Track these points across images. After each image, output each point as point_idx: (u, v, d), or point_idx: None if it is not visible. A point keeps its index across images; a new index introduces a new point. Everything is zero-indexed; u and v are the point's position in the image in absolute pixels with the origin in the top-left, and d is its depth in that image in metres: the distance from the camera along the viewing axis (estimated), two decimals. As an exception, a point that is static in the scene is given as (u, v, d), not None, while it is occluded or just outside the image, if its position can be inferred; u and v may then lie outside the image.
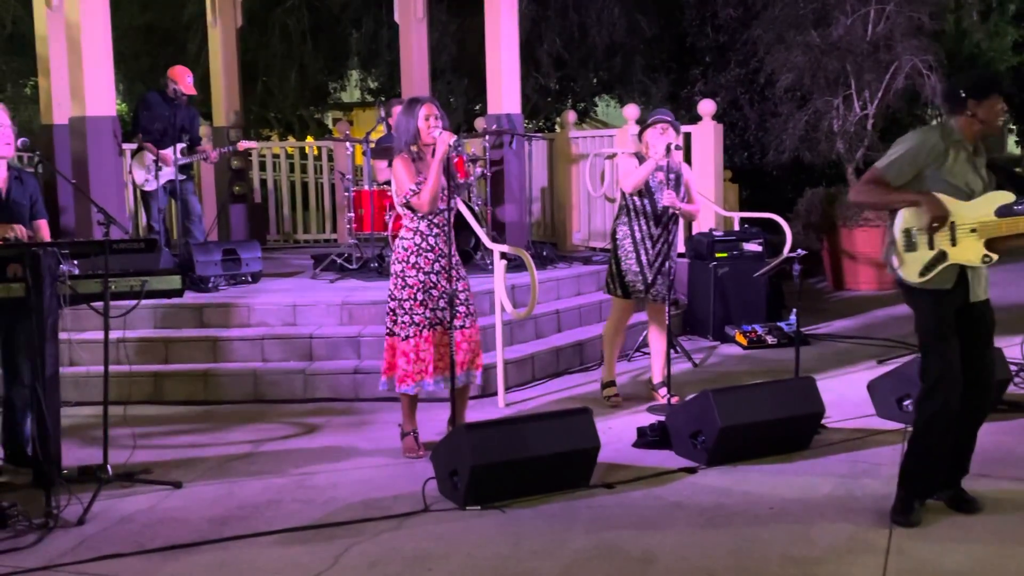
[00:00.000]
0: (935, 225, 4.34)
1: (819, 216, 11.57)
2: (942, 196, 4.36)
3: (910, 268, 4.44)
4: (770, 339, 8.41)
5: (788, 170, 13.43)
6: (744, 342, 8.38)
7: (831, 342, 8.56)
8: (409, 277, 5.52)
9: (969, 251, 4.38)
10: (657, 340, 6.75)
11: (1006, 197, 4.39)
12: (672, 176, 6.53)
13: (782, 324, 8.66)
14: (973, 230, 4.37)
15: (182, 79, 8.97)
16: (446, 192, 5.51)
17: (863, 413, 6.22)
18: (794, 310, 8.78)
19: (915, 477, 4.50)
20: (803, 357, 6.46)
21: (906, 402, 5.99)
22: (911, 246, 4.43)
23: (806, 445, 5.57)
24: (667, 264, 6.59)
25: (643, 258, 6.51)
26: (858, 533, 4.37)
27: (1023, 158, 21.41)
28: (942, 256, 4.38)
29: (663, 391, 6.59)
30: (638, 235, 6.50)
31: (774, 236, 9.19)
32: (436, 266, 5.51)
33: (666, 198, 6.45)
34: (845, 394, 6.65)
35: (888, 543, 4.25)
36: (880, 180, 4.49)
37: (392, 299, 5.58)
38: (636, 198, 6.49)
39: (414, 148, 5.52)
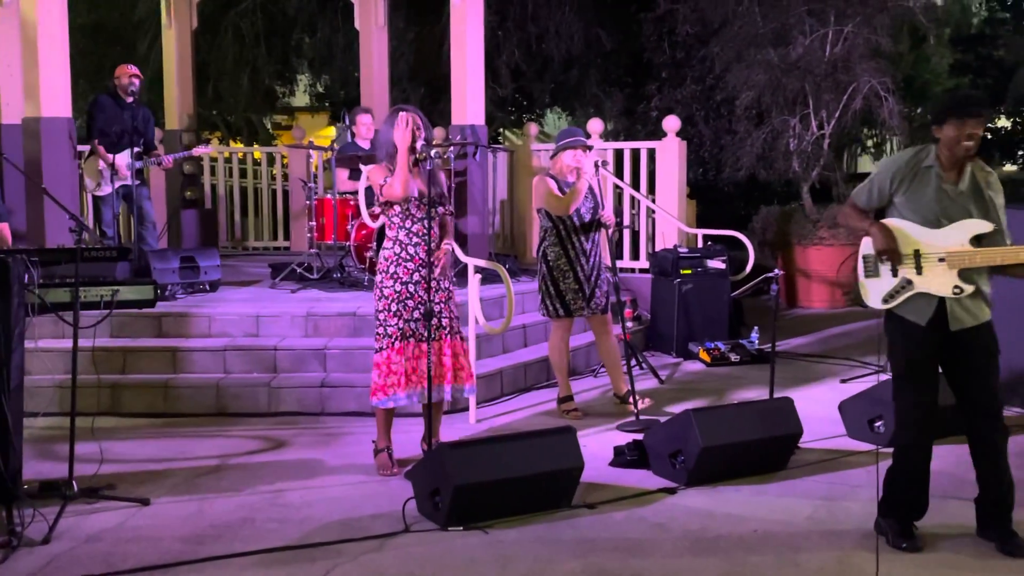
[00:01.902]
0: (883, 257, 4.34)
1: (774, 234, 11.67)
2: (902, 224, 4.32)
3: (870, 293, 4.44)
4: (733, 356, 8.43)
5: (742, 187, 13.56)
6: (707, 359, 8.39)
7: (790, 360, 8.60)
8: (386, 288, 5.43)
9: (937, 281, 4.30)
10: (609, 352, 6.78)
11: (983, 226, 4.29)
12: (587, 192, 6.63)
13: (744, 341, 8.69)
14: (941, 259, 4.28)
15: (124, 75, 8.77)
16: (425, 201, 5.41)
17: (833, 433, 6.24)
18: (755, 328, 8.91)
19: (898, 505, 4.49)
20: (766, 375, 6.47)
21: (878, 423, 6.02)
22: (871, 272, 4.43)
23: (783, 466, 5.57)
24: (603, 275, 6.69)
25: (580, 274, 6.59)
26: (844, 557, 4.36)
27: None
28: (907, 284, 4.33)
29: (632, 399, 6.60)
30: (572, 252, 6.58)
31: (735, 253, 9.25)
32: (415, 276, 5.41)
33: (606, 216, 6.66)
34: (811, 413, 6.62)
35: (876, 568, 4.24)
36: (853, 204, 4.53)
37: (374, 311, 5.50)
38: (566, 217, 6.57)
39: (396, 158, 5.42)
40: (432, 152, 5.28)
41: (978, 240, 4.30)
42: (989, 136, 20.84)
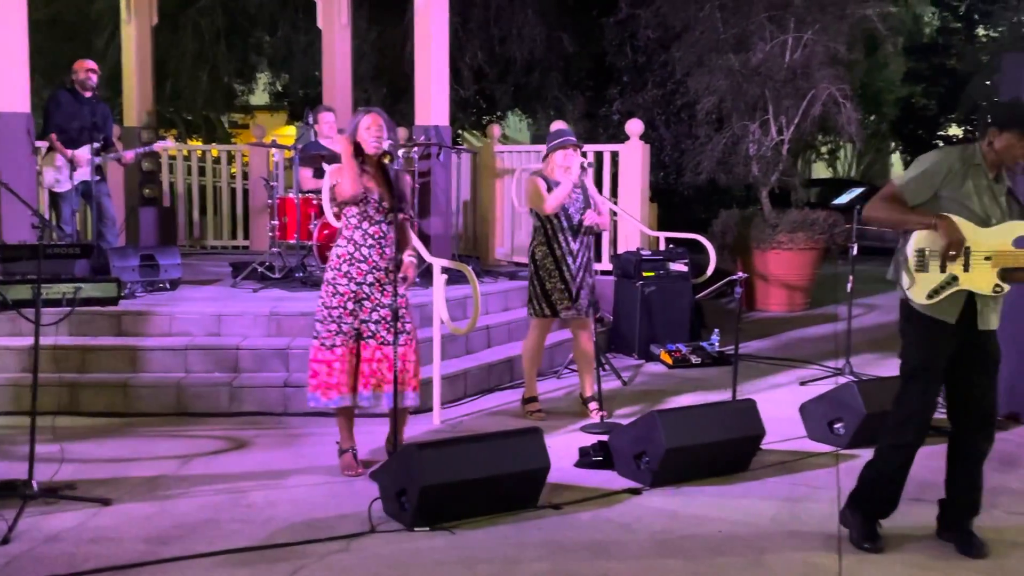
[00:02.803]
0: (952, 253, 4.25)
1: (733, 238, 11.77)
2: (959, 220, 4.27)
3: (918, 289, 4.35)
4: (694, 358, 8.49)
5: (702, 191, 13.66)
6: (669, 361, 8.45)
7: (751, 362, 8.68)
8: (340, 285, 5.39)
9: (981, 279, 4.31)
10: (584, 355, 6.78)
11: None
12: (578, 192, 6.60)
13: (705, 344, 8.76)
14: (987, 258, 4.29)
15: (81, 69, 8.66)
16: (386, 204, 5.39)
17: (794, 434, 6.30)
18: (716, 330, 8.99)
19: (871, 501, 4.52)
20: (727, 377, 6.52)
21: (837, 425, 6.11)
22: (923, 267, 4.34)
23: (746, 467, 5.62)
24: (589, 278, 6.67)
25: (566, 275, 6.57)
26: (809, 558, 4.41)
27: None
28: (952, 280, 4.31)
29: (593, 405, 6.63)
30: (559, 252, 6.56)
31: (696, 256, 9.32)
32: (369, 278, 5.38)
33: (588, 218, 6.59)
34: (772, 414, 6.67)
35: (839, 567, 4.30)
36: (898, 197, 4.38)
37: (322, 307, 5.44)
38: (554, 217, 6.56)
39: (359, 158, 5.41)
40: (398, 153, 5.25)
41: (1018, 242, 4.32)
42: (941, 144, 21.16)
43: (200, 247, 12.20)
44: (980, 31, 22.72)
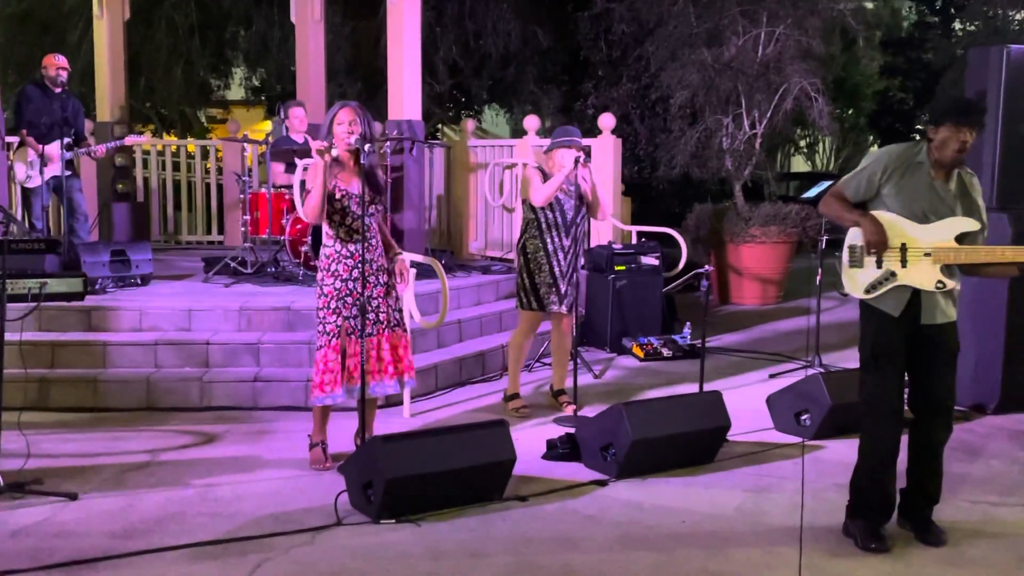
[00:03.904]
0: (872, 249, 4.37)
1: (707, 231, 11.83)
2: (891, 217, 4.36)
3: (853, 283, 4.46)
4: (665, 352, 8.54)
5: (675, 185, 13.71)
6: (641, 354, 8.49)
7: (722, 355, 8.75)
8: (326, 285, 5.40)
9: (921, 275, 4.36)
10: (560, 349, 6.81)
11: (969, 224, 4.37)
12: (572, 187, 6.62)
13: (676, 337, 8.80)
14: (927, 254, 4.35)
15: (51, 65, 8.63)
16: (366, 198, 5.39)
17: (761, 426, 6.35)
18: (687, 323, 9.04)
19: (866, 505, 4.52)
20: (698, 370, 6.56)
21: (804, 416, 6.16)
22: (856, 262, 4.44)
23: (712, 458, 5.66)
24: (575, 275, 6.66)
25: (556, 270, 6.56)
26: (771, 547, 4.46)
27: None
28: (891, 276, 4.39)
29: (564, 398, 6.67)
30: (550, 247, 6.56)
31: (668, 250, 9.36)
32: (355, 273, 5.40)
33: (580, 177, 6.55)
34: (741, 407, 6.74)
35: (800, 557, 4.34)
36: (839, 194, 4.51)
37: (317, 308, 5.49)
38: (548, 211, 6.54)
39: (334, 152, 5.40)
40: (366, 147, 5.24)
41: (962, 238, 4.37)
42: (918, 138, 21.32)
43: (175, 242, 12.18)
44: (956, 25, 22.86)
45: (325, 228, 5.45)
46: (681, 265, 9.06)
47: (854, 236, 4.47)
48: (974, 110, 4.35)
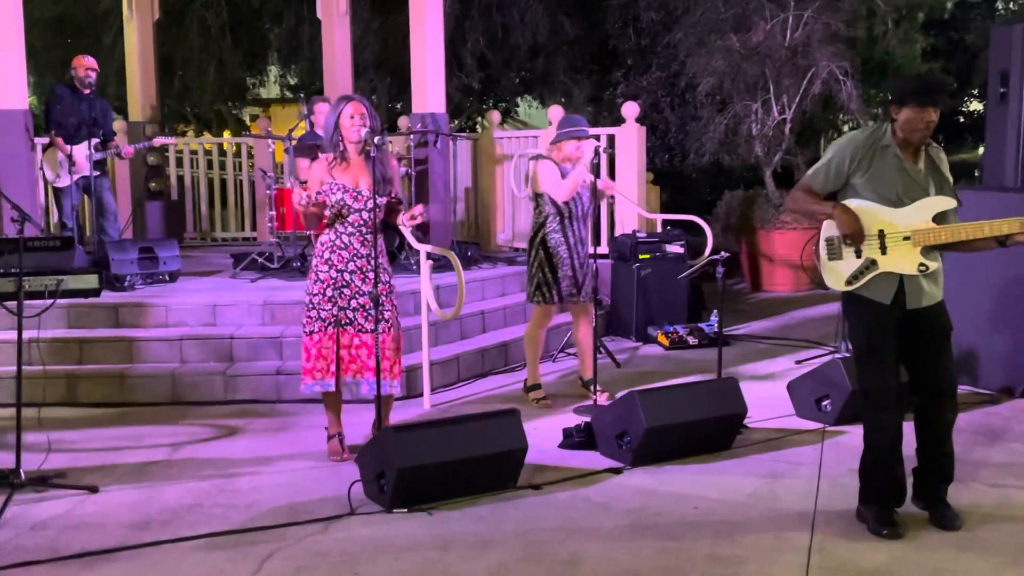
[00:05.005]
0: (848, 239, 4.32)
1: (738, 218, 11.74)
2: (865, 205, 4.30)
3: (834, 276, 4.42)
4: (691, 340, 8.51)
5: (707, 173, 13.62)
6: (666, 343, 8.46)
7: (750, 343, 8.69)
8: (322, 272, 5.45)
9: (902, 259, 4.31)
10: (586, 338, 6.80)
11: (945, 203, 4.31)
12: (589, 177, 6.59)
13: (703, 325, 8.76)
14: (906, 238, 4.29)
15: (80, 66, 8.76)
16: (364, 192, 5.43)
17: (782, 413, 6.31)
18: (715, 311, 8.97)
19: (876, 489, 4.48)
20: (724, 358, 6.53)
21: (824, 402, 6.11)
22: (835, 254, 4.40)
23: (729, 445, 5.64)
24: (591, 263, 6.66)
25: (575, 261, 6.58)
26: (781, 532, 4.44)
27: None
28: (872, 264, 4.33)
29: (595, 387, 6.67)
30: (571, 239, 6.57)
31: (695, 238, 9.31)
32: (351, 265, 5.43)
33: (602, 184, 6.58)
34: (764, 393, 6.75)
35: (810, 543, 4.32)
36: (806, 188, 4.46)
37: (306, 294, 5.52)
38: (570, 203, 6.54)
39: (340, 147, 5.46)
40: (375, 140, 5.26)
41: (940, 218, 4.32)
42: (961, 120, 20.98)
43: (210, 239, 12.33)
44: (999, 4, 22.43)
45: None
46: (707, 253, 9.01)
47: (829, 228, 4.41)
48: (937, 88, 4.29)
